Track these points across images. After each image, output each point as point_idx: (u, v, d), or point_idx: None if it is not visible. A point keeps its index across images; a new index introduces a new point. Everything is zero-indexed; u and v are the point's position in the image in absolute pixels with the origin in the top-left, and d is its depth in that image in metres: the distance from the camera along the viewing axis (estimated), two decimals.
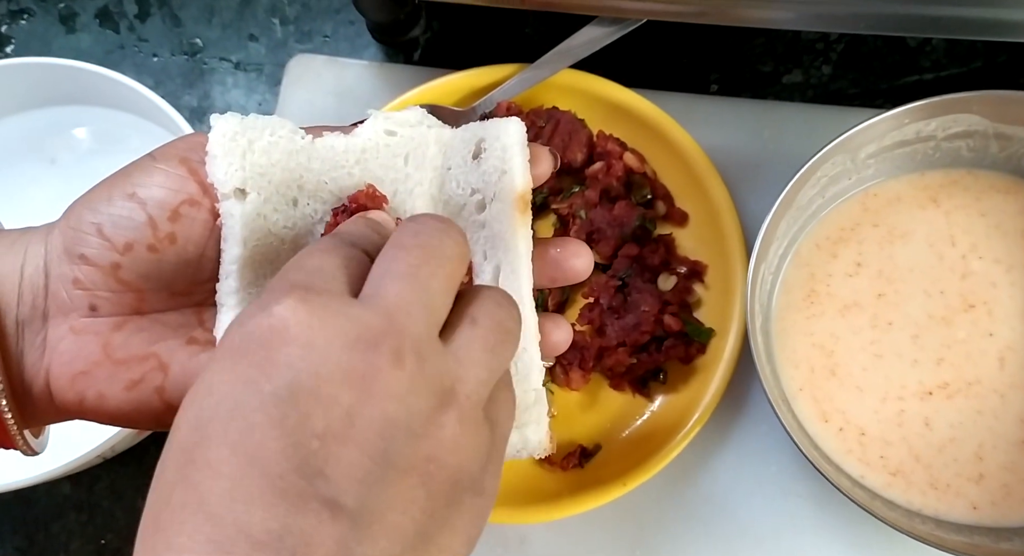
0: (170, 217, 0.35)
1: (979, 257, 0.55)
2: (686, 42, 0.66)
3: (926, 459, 0.53)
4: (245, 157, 0.36)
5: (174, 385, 0.35)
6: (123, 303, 0.35)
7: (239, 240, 0.36)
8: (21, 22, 0.73)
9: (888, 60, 0.64)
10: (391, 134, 0.38)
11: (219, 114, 0.36)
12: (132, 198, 0.35)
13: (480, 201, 0.37)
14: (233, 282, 0.36)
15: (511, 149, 0.37)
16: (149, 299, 0.36)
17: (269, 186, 0.37)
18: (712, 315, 0.59)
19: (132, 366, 0.35)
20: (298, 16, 0.71)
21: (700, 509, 0.59)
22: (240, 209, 0.36)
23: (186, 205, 0.35)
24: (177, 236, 0.35)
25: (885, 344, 0.55)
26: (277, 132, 0.37)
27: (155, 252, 0.35)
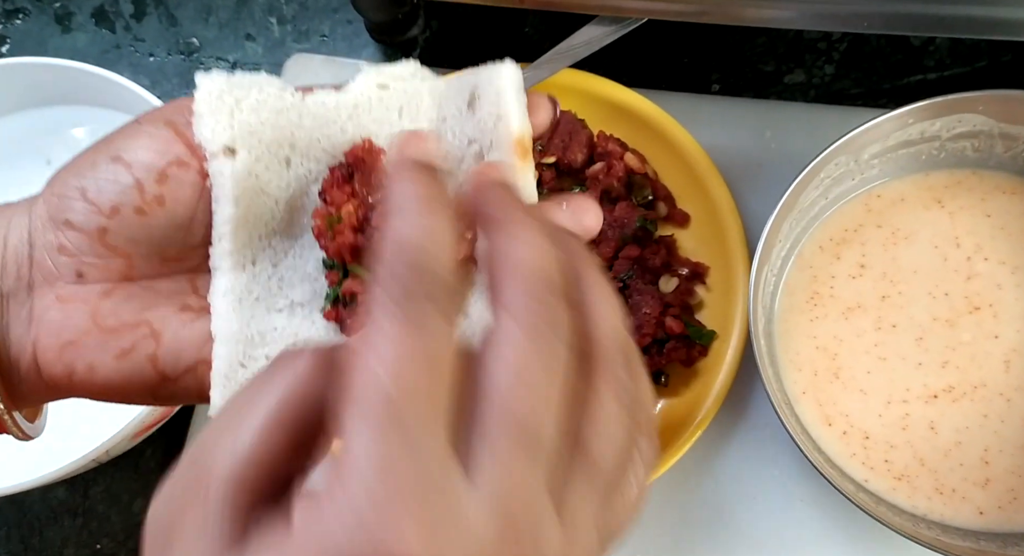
0: (157, 179, 0.34)
1: (984, 258, 0.54)
2: (687, 41, 0.66)
3: (931, 463, 0.52)
4: (233, 115, 0.35)
5: (167, 353, 0.34)
6: (111, 269, 0.34)
7: (231, 199, 0.35)
8: (16, 22, 0.73)
9: (891, 59, 0.64)
10: (383, 88, 0.37)
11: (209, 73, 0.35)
12: (117, 161, 0.34)
13: (478, 152, 0.36)
14: (227, 244, 0.35)
15: (505, 92, 0.34)
16: (139, 265, 0.35)
17: (259, 145, 0.36)
18: (714, 317, 0.59)
19: (122, 334, 0.34)
20: (295, 16, 0.70)
21: (702, 513, 0.58)
22: (230, 168, 0.35)
23: (174, 166, 0.34)
24: (166, 198, 0.34)
25: (889, 347, 0.54)
26: (265, 89, 0.36)
27: (143, 215, 0.34)
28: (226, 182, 0.34)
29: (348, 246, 0.34)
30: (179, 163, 0.34)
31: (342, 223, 0.34)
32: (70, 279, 0.34)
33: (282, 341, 0.36)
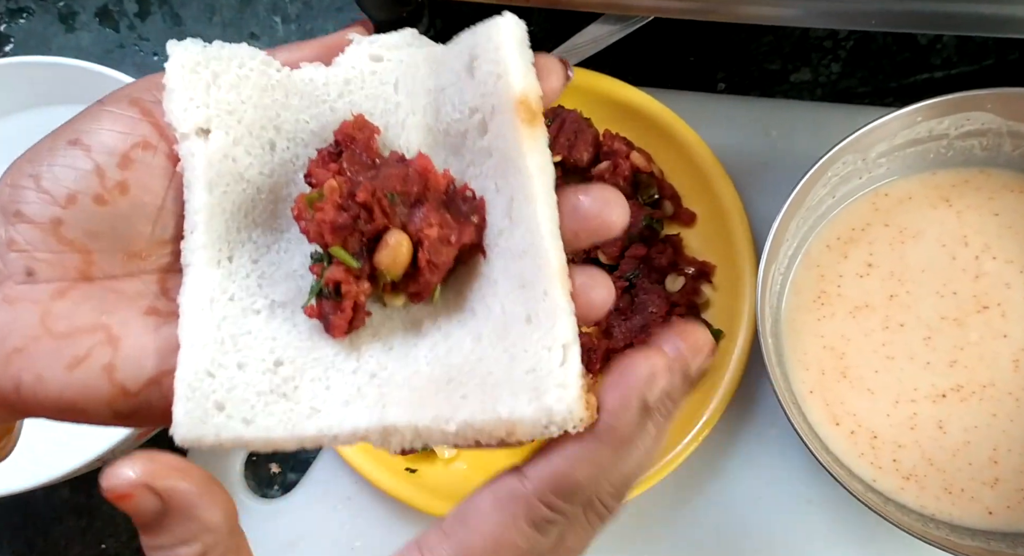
0: (120, 163, 0.31)
1: (992, 257, 0.54)
2: (693, 40, 0.65)
3: (940, 463, 0.52)
4: (209, 92, 0.32)
5: (126, 363, 0.30)
6: (66, 266, 0.31)
7: (204, 185, 0.31)
8: (20, 21, 0.72)
9: (898, 58, 0.64)
10: (377, 60, 0.33)
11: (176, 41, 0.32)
12: (76, 144, 0.30)
13: (481, 122, 0.31)
14: (200, 236, 0.31)
15: (505, 46, 0.30)
16: (99, 262, 0.31)
17: (239, 126, 0.32)
18: (720, 316, 0.58)
19: (76, 339, 0.30)
20: (299, 14, 0.70)
21: (708, 513, 0.58)
22: (203, 148, 0.31)
23: (138, 149, 0.31)
24: (129, 185, 0.31)
25: (897, 346, 0.54)
26: (247, 64, 0.32)
27: (104, 204, 0.30)
28: (198, 165, 0.31)
29: (329, 224, 0.30)
30: (144, 145, 0.31)
31: (323, 200, 0.31)
32: (19, 278, 0.30)
33: (257, 347, 0.32)
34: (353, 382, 0.31)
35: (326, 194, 0.31)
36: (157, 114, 0.32)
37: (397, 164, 0.32)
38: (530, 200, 0.30)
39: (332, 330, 0.31)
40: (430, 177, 0.31)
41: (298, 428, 0.30)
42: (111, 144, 0.31)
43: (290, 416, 0.31)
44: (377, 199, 0.31)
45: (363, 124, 0.33)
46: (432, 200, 0.31)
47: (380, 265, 0.31)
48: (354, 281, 0.31)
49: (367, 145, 0.33)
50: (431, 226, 0.31)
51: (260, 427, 0.30)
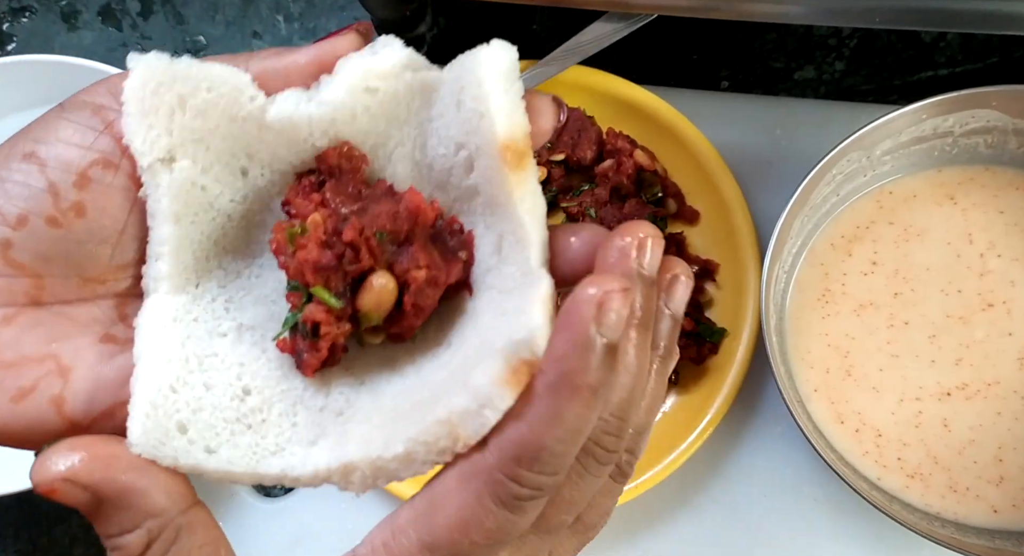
0: (76, 182, 0.28)
1: (997, 255, 0.54)
2: (696, 38, 0.65)
3: (945, 461, 0.52)
4: (173, 118, 0.28)
5: (77, 395, 0.28)
6: (15, 290, 0.28)
7: (170, 216, 0.29)
8: (23, 20, 0.72)
9: (902, 56, 0.63)
10: (372, 92, 0.29)
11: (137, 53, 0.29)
12: (30, 158, 0.28)
13: (467, 159, 0.29)
14: (164, 266, 0.29)
15: (487, 82, 0.27)
16: (51, 286, 0.29)
17: (207, 153, 0.29)
18: (724, 315, 0.58)
19: (22, 370, 0.28)
20: (302, 13, 0.70)
21: (712, 511, 0.58)
22: (168, 178, 0.29)
23: (97, 167, 0.28)
24: (86, 206, 0.28)
25: (902, 344, 0.54)
26: (217, 87, 0.29)
27: (57, 226, 0.28)
28: (163, 196, 0.29)
29: (312, 263, 0.28)
30: (104, 163, 0.28)
31: (306, 235, 0.29)
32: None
33: (224, 371, 0.30)
34: (319, 421, 0.30)
35: (309, 229, 0.29)
36: (120, 125, 0.29)
37: (386, 198, 0.30)
38: (522, 244, 0.28)
39: (304, 368, 0.30)
40: (420, 215, 0.29)
41: (261, 465, 0.29)
42: (68, 160, 0.28)
43: (255, 450, 0.29)
44: (365, 238, 0.28)
45: (350, 153, 0.30)
46: (421, 237, 0.29)
47: (363, 308, 0.29)
48: (334, 322, 0.29)
49: (354, 174, 0.30)
50: (419, 268, 0.29)
51: (222, 458, 0.28)
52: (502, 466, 0.26)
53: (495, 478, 0.26)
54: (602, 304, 0.25)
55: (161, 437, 0.28)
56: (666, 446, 0.56)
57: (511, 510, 0.26)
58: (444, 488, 0.27)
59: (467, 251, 0.30)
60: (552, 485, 0.26)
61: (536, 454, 0.25)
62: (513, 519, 0.27)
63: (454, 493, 0.27)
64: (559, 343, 0.25)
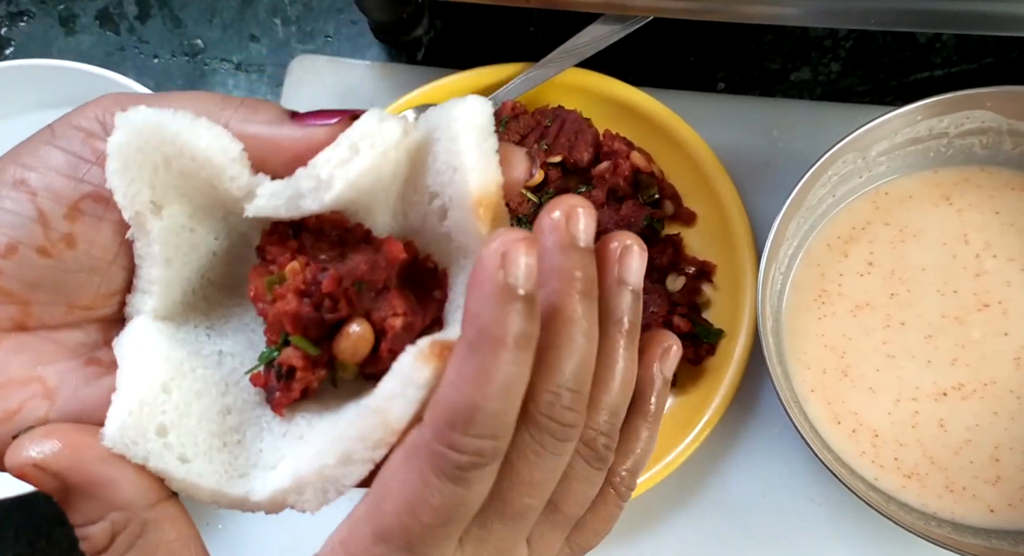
0: (67, 214, 0.28)
1: (993, 255, 0.54)
2: (692, 40, 0.65)
3: (941, 461, 0.52)
4: (156, 174, 0.28)
5: (61, 417, 0.28)
6: (3, 317, 0.28)
7: (160, 260, 0.29)
8: (20, 24, 0.72)
9: (898, 57, 0.64)
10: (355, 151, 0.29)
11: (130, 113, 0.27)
12: (20, 186, 0.27)
13: (441, 208, 0.29)
14: (152, 301, 0.29)
15: (462, 139, 0.28)
16: (38, 312, 0.29)
17: (192, 203, 0.29)
18: (721, 316, 0.58)
19: (8, 392, 0.28)
20: (300, 16, 0.70)
21: (710, 513, 0.58)
22: (158, 226, 0.29)
23: (89, 200, 0.28)
24: (77, 238, 0.28)
25: (898, 344, 0.54)
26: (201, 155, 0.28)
27: (47, 256, 0.28)
28: (153, 243, 0.29)
29: (290, 315, 0.28)
30: (96, 197, 0.28)
31: (285, 285, 0.29)
32: None
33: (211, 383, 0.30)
34: (281, 446, 0.30)
35: (288, 278, 0.29)
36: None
37: (363, 245, 0.30)
38: None
39: (274, 406, 0.30)
40: (399, 262, 0.29)
41: (227, 486, 0.29)
42: (59, 191, 0.28)
43: (226, 469, 0.29)
44: (344, 289, 0.28)
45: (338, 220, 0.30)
46: (398, 282, 0.29)
47: (340, 355, 0.29)
48: (310, 367, 0.29)
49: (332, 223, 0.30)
50: (396, 316, 0.29)
51: (193, 470, 0.28)
52: (437, 436, 0.25)
53: (433, 450, 0.25)
54: (506, 254, 0.24)
55: (137, 436, 0.27)
56: (664, 447, 0.56)
57: (455, 482, 0.25)
58: (389, 473, 0.27)
59: (441, 290, 0.30)
60: (492, 450, 0.25)
61: (469, 416, 0.25)
62: (459, 492, 0.26)
63: (398, 476, 0.26)
64: (472, 301, 0.25)
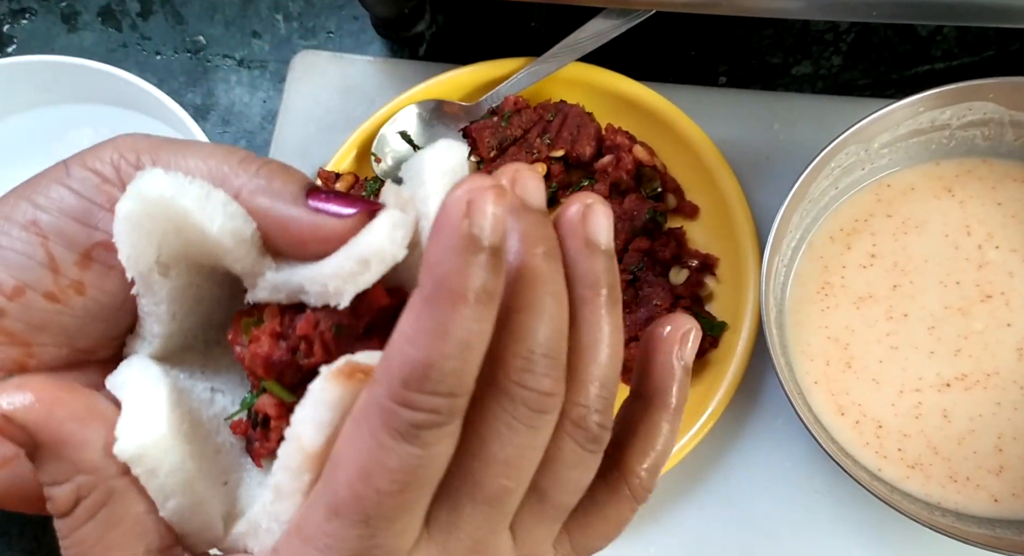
0: (79, 262, 0.27)
1: (995, 247, 0.54)
2: (694, 34, 0.66)
3: (945, 452, 0.52)
4: (166, 238, 0.27)
5: None
6: (4, 358, 0.28)
7: (165, 318, 0.28)
8: (23, 21, 0.73)
9: (899, 50, 0.64)
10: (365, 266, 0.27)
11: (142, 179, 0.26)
12: (31, 227, 0.27)
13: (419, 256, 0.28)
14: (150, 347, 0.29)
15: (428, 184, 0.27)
16: (39, 354, 0.28)
17: (199, 263, 0.29)
18: (724, 309, 0.59)
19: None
20: (301, 12, 0.70)
21: (715, 504, 0.58)
22: (167, 286, 0.28)
23: (101, 249, 0.27)
24: (86, 286, 0.27)
25: (901, 336, 0.54)
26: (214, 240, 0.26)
27: (55, 301, 0.27)
28: (160, 302, 0.28)
29: (263, 359, 0.27)
30: (108, 246, 0.27)
31: (262, 327, 0.28)
32: None
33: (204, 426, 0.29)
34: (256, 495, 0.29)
35: (265, 320, 0.28)
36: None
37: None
38: None
39: (253, 456, 0.29)
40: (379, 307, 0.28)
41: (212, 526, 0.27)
42: (71, 236, 0.27)
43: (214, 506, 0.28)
44: (320, 332, 0.27)
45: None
46: (382, 328, 0.28)
47: None
48: (285, 415, 0.28)
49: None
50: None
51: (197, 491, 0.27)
52: (391, 393, 0.23)
53: (386, 408, 0.23)
54: (472, 202, 0.23)
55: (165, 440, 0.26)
56: None
57: (411, 442, 0.23)
58: (341, 442, 0.25)
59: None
60: (450, 409, 0.23)
61: (424, 372, 0.23)
62: (416, 453, 0.23)
63: (349, 442, 0.24)
64: (432, 251, 0.23)
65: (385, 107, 0.62)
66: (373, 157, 0.62)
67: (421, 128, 0.62)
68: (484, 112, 0.62)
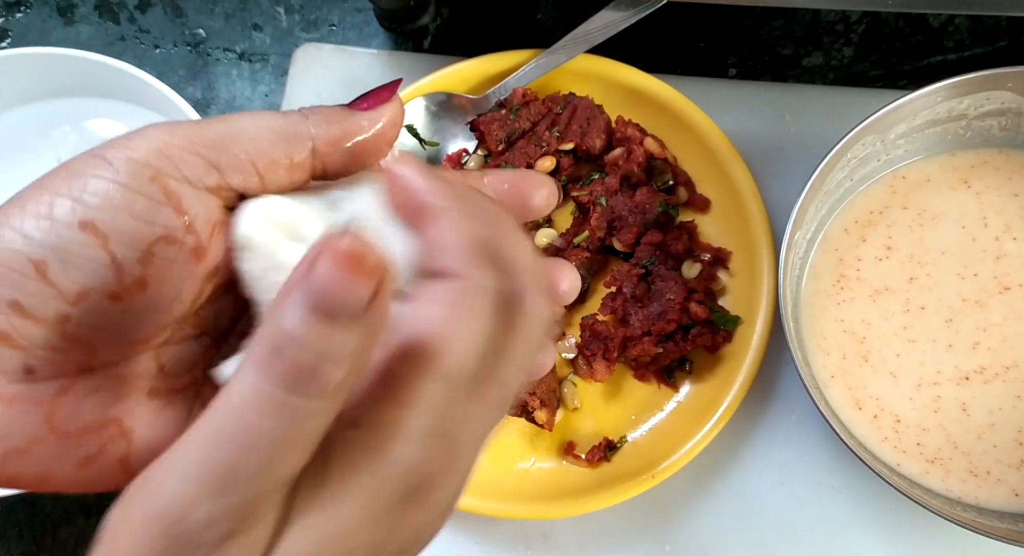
0: (140, 259, 0.26)
1: (1013, 238, 0.54)
2: (703, 25, 0.65)
3: (965, 446, 0.52)
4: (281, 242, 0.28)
5: (140, 451, 0.28)
6: (70, 361, 0.27)
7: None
8: (18, 14, 0.71)
9: (911, 41, 0.63)
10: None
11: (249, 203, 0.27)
12: (88, 229, 0.25)
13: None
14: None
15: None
16: (103, 354, 0.27)
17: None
18: (737, 303, 0.58)
19: (87, 439, 0.27)
20: (303, 5, 0.69)
21: (730, 501, 0.57)
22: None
23: (162, 243, 0.26)
24: (149, 282, 0.26)
25: (918, 329, 0.53)
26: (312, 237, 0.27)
27: (118, 301, 0.26)
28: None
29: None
30: (168, 239, 0.26)
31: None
32: (17, 376, 0.26)
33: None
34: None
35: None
36: (181, 196, 0.26)
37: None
38: None
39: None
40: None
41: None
42: (132, 234, 0.26)
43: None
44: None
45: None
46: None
47: None
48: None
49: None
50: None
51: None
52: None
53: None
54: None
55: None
56: (682, 435, 0.55)
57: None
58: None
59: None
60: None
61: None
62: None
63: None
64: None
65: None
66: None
67: (429, 121, 0.61)
68: (492, 105, 0.61)
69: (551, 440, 0.58)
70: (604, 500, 0.55)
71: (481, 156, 0.62)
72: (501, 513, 0.56)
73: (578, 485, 0.56)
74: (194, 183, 0.27)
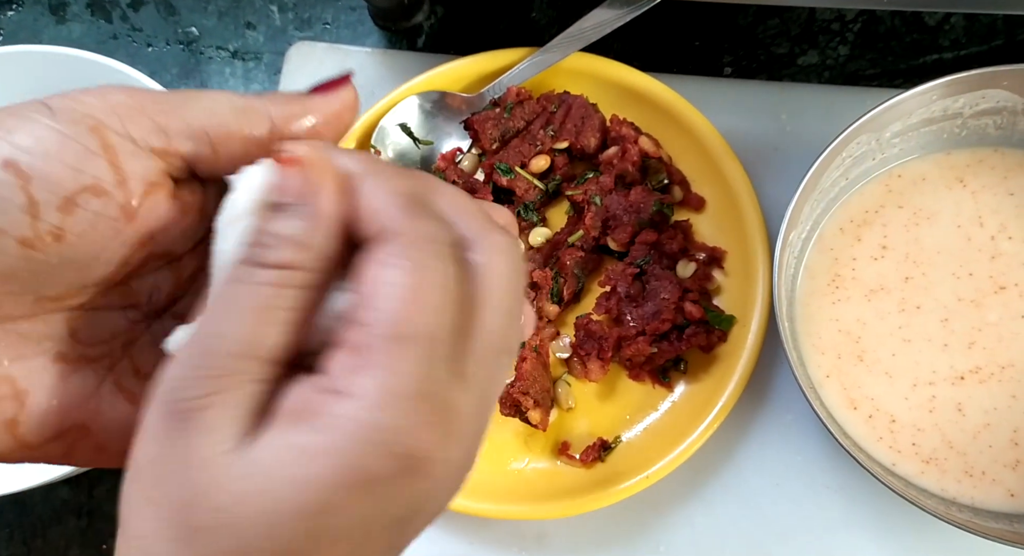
0: (61, 206, 0.25)
1: (1008, 237, 0.53)
2: (698, 24, 0.65)
3: (960, 446, 0.51)
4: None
5: (31, 418, 0.26)
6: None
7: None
8: (9, 12, 0.71)
9: (906, 40, 0.63)
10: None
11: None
12: (11, 169, 0.24)
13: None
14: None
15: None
16: (6, 305, 0.26)
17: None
18: (732, 302, 0.58)
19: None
20: (297, 3, 0.69)
21: (724, 501, 0.57)
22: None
23: (87, 194, 0.25)
24: (66, 233, 0.25)
25: (914, 328, 0.53)
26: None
27: (29, 248, 0.25)
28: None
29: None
30: (96, 191, 0.25)
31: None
32: None
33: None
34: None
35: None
36: (119, 150, 0.25)
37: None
38: None
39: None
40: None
41: None
42: (56, 180, 0.24)
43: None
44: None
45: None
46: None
47: None
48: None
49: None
50: None
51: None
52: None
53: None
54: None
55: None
56: (677, 435, 0.55)
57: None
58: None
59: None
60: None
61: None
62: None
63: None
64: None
65: (385, 99, 0.61)
66: (373, 149, 0.60)
67: (423, 120, 0.61)
68: (486, 103, 0.61)
69: (545, 440, 0.58)
70: (599, 500, 0.54)
71: (475, 155, 0.62)
72: (495, 514, 0.55)
73: (572, 485, 0.56)
74: (138, 142, 0.26)
